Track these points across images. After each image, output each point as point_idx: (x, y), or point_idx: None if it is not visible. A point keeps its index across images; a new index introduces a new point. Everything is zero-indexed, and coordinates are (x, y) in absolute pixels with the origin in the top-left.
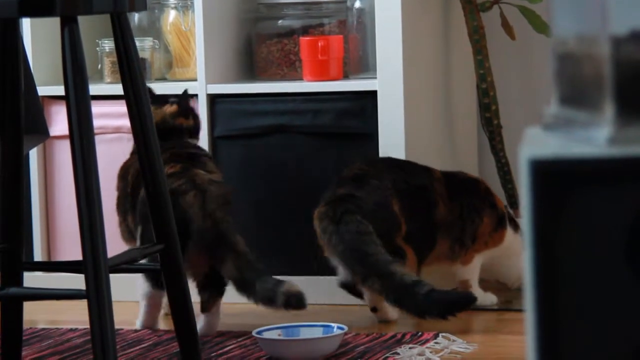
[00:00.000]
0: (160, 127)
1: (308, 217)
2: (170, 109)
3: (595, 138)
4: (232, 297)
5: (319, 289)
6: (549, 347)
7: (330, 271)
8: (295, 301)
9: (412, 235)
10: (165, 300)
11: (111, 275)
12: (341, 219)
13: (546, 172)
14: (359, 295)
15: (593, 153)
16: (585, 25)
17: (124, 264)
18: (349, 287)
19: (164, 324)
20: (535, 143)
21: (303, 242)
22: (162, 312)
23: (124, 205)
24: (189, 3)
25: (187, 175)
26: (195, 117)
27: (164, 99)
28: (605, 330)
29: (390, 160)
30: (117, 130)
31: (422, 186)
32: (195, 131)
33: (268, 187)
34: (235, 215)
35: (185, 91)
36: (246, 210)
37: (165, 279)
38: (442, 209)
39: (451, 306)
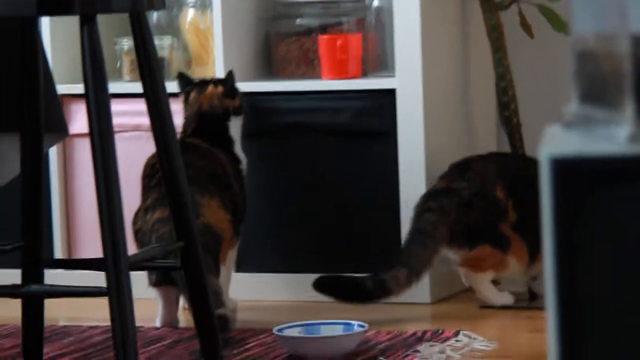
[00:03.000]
0: (209, 113)
1: (325, 214)
2: (216, 91)
3: (616, 136)
4: (252, 294)
5: None
6: (572, 344)
7: (352, 268)
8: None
9: (523, 225)
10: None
11: (132, 273)
12: (418, 217)
13: (566, 170)
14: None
15: (613, 151)
16: (604, 23)
17: (145, 262)
18: None
19: (185, 321)
20: (555, 141)
21: (320, 239)
22: (181, 307)
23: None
24: (208, 2)
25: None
26: (240, 96)
27: (204, 82)
28: (627, 327)
29: (504, 153)
30: (136, 128)
31: (535, 176)
32: (239, 110)
33: (286, 184)
34: (255, 212)
35: (231, 72)
36: (264, 207)
37: (185, 277)
38: None
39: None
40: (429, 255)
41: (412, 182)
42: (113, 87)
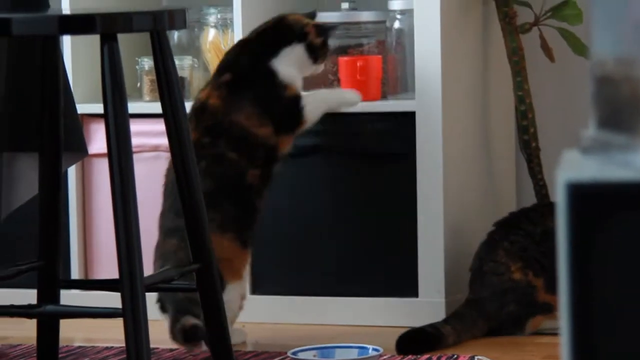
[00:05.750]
0: None
1: (342, 236)
2: None
3: (633, 162)
4: (268, 317)
5: (355, 310)
6: None
7: (366, 292)
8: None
9: (555, 282)
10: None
11: (147, 294)
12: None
13: (583, 195)
14: None
15: (630, 177)
16: (623, 47)
17: (161, 283)
18: None
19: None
20: (572, 166)
21: (336, 261)
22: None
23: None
24: (229, 22)
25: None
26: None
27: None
28: None
29: (506, 222)
30: (155, 148)
31: (549, 231)
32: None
33: (303, 206)
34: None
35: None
36: (280, 229)
37: (201, 299)
38: None
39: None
40: (464, 329)
41: (430, 205)
42: (133, 107)
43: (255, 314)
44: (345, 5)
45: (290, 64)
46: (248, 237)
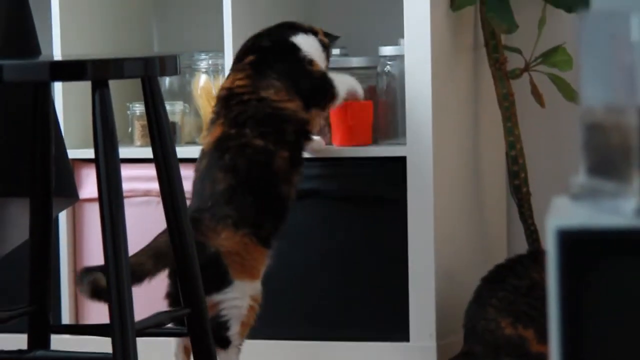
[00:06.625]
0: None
1: (336, 280)
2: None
3: (623, 209)
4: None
5: (346, 355)
6: None
7: (357, 337)
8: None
9: (546, 333)
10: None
11: (138, 339)
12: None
13: (573, 242)
14: None
15: (620, 224)
16: (613, 95)
17: (151, 328)
18: None
19: None
20: (562, 213)
21: (330, 306)
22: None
23: None
24: (220, 68)
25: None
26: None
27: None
28: None
29: (494, 278)
30: (147, 193)
31: (534, 283)
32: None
33: (297, 250)
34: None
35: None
36: (275, 273)
37: (192, 343)
38: None
39: None
40: None
41: (421, 249)
42: (124, 152)
43: (246, 359)
44: (336, 50)
45: (309, 45)
46: (269, 233)
